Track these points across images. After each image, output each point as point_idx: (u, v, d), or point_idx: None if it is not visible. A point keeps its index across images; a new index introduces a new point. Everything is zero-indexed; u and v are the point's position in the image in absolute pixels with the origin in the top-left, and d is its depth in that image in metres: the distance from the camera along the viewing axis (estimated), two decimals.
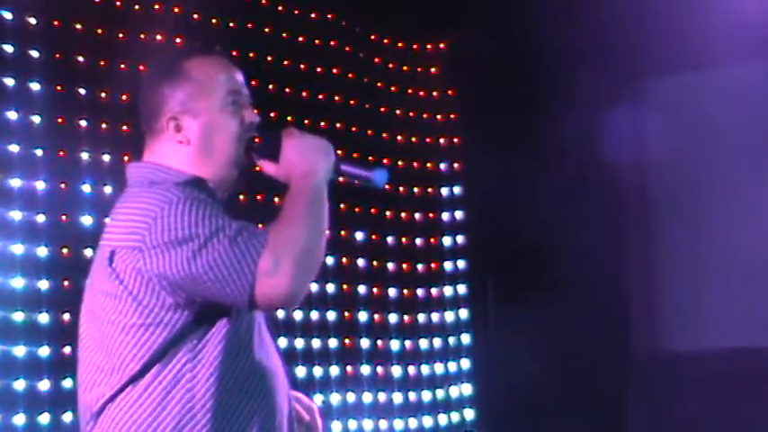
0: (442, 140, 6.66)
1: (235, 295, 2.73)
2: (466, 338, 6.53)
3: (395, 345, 6.21)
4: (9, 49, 4.97)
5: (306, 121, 5.95)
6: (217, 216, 2.76)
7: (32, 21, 5.06)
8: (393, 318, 6.23)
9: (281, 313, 5.56)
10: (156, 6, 5.46)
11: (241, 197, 5.06)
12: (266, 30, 5.96)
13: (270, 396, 2.87)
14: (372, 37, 6.44)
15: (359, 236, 6.10)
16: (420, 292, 6.40)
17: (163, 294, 2.76)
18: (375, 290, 6.16)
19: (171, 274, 2.74)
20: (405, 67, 6.57)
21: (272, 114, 5.50)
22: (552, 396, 6.24)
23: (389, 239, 6.30)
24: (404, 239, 6.38)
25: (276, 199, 4.82)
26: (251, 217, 2.85)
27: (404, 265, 6.34)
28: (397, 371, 6.19)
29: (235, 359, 2.82)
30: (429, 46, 6.68)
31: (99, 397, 2.83)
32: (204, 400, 2.78)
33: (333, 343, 5.92)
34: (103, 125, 5.20)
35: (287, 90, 5.94)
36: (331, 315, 5.93)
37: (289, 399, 2.97)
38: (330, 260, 5.79)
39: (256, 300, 2.72)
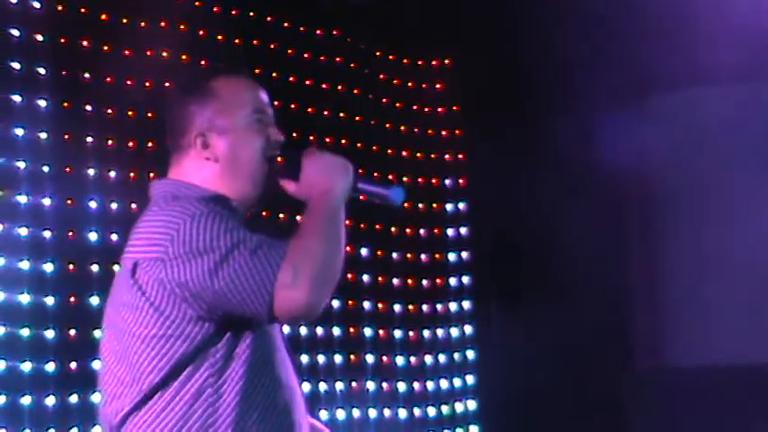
0: (446, 156, 6.67)
1: (255, 308, 2.76)
2: (471, 354, 6.53)
3: (400, 360, 6.22)
4: (16, 65, 4.99)
5: (311, 137, 5.97)
6: (237, 229, 2.80)
7: (39, 38, 5.08)
8: (398, 333, 6.23)
9: (286, 329, 5.57)
10: (162, 24, 5.49)
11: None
12: (271, 46, 5.98)
13: (290, 412, 2.90)
14: (377, 53, 6.45)
15: (364, 251, 6.11)
16: (425, 307, 6.40)
17: (184, 306, 2.79)
18: (380, 305, 6.17)
19: (192, 285, 2.77)
20: (410, 84, 6.59)
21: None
22: (556, 411, 6.24)
23: (394, 255, 6.30)
24: (409, 255, 6.38)
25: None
26: (272, 235, 2.87)
27: (409, 281, 6.35)
28: (402, 386, 6.19)
29: (258, 375, 2.84)
30: (434, 62, 6.70)
31: (119, 409, 2.85)
32: (226, 415, 2.80)
33: (338, 359, 5.93)
34: (109, 141, 5.22)
35: (292, 106, 5.96)
36: (336, 330, 5.94)
37: (305, 415, 2.99)
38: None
39: (276, 312, 2.76)
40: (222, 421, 2.80)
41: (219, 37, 5.76)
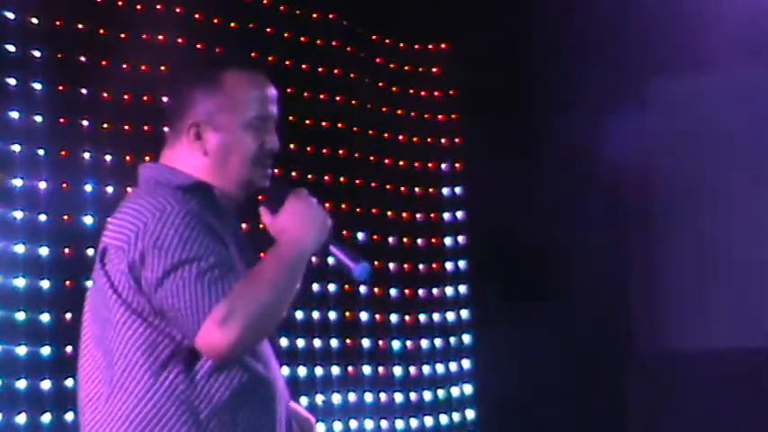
0: (443, 140, 6.66)
1: (185, 329, 2.74)
2: (467, 338, 6.53)
3: (396, 344, 6.22)
4: (11, 48, 4.98)
5: (307, 122, 5.96)
6: (200, 243, 2.76)
7: (35, 21, 5.07)
8: (394, 318, 6.23)
9: None
10: (158, 6, 5.47)
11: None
12: (268, 30, 5.96)
13: (269, 404, 2.88)
14: (374, 37, 6.44)
15: (360, 236, 6.10)
16: (421, 292, 6.40)
17: (143, 300, 2.79)
18: (376, 290, 6.17)
19: (144, 283, 2.77)
20: (406, 67, 6.57)
21: None
22: (553, 396, 6.25)
23: (391, 239, 6.30)
24: (405, 239, 6.38)
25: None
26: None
27: (405, 265, 6.34)
28: (398, 371, 6.19)
29: (235, 369, 2.81)
30: (431, 46, 6.68)
31: (93, 392, 2.85)
32: (202, 408, 2.78)
33: (334, 343, 5.93)
34: (105, 125, 5.21)
35: (288, 90, 5.93)
36: (332, 315, 5.94)
37: (287, 406, 2.97)
38: (332, 260, 5.77)
39: (197, 342, 2.73)
40: (199, 415, 2.77)
41: (215, 20, 5.74)
